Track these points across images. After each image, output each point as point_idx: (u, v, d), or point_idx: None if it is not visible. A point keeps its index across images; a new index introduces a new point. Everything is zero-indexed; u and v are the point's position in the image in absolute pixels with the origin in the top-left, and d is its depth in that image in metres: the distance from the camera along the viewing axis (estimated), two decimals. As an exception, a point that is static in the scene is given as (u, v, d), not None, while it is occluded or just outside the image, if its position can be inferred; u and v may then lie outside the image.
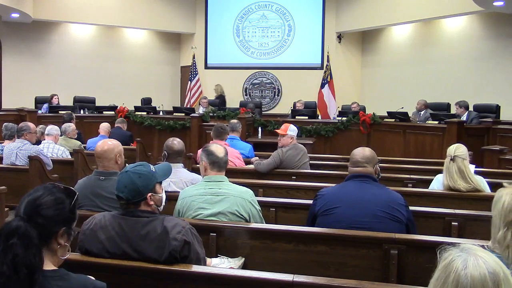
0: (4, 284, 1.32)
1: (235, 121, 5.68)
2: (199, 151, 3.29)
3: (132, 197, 2.01)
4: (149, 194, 2.04)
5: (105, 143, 2.95)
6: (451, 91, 9.03)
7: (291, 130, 4.65)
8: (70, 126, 6.18)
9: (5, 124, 5.51)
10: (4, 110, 9.48)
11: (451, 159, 3.25)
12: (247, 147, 5.41)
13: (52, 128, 5.52)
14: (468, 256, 1.20)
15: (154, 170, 2.11)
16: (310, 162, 4.78)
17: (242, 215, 2.63)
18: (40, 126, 6.06)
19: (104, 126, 6.53)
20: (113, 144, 2.96)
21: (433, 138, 7.15)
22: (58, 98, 9.40)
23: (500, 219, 1.73)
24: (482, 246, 1.74)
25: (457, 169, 3.26)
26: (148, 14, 11.33)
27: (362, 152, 2.75)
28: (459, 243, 1.29)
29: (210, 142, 4.74)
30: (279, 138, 4.73)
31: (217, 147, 2.84)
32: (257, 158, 5.03)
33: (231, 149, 4.76)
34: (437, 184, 3.53)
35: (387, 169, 4.69)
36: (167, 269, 1.93)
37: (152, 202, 2.06)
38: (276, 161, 4.49)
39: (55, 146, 5.39)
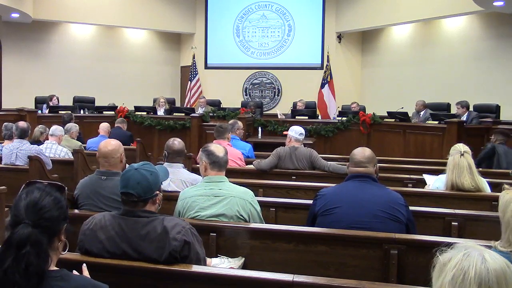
0: None
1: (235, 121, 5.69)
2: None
3: (144, 194, 2.01)
4: (157, 191, 2.07)
5: (108, 143, 2.98)
6: (451, 91, 9.02)
7: (290, 130, 4.67)
8: (76, 127, 6.18)
9: (4, 124, 5.51)
10: (4, 110, 9.47)
11: (461, 154, 3.26)
12: (246, 147, 5.42)
13: (56, 129, 5.49)
14: (481, 252, 1.19)
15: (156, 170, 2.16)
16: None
17: (242, 216, 2.63)
18: (40, 126, 6.04)
19: (104, 126, 6.52)
20: (117, 144, 2.99)
21: (433, 138, 7.15)
22: (58, 99, 9.39)
23: None
24: (488, 246, 1.74)
25: (467, 164, 3.28)
26: (148, 14, 11.33)
27: (363, 152, 2.75)
28: (456, 243, 1.29)
29: (214, 141, 4.75)
30: None
31: (216, 147, 2.84)
32: (258, 160, 5.03)
33: (233, 149, 4.76)
34: (439, 184, 3.53)
35: (387, 169, 4.69)
36: (167, 269, 1.93)
37: (158, 201, 2.09)
38: (275, 158, 4.52)
39: (58, 147, 5.38)
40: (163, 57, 12.32)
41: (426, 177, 4.04)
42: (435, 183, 3.63)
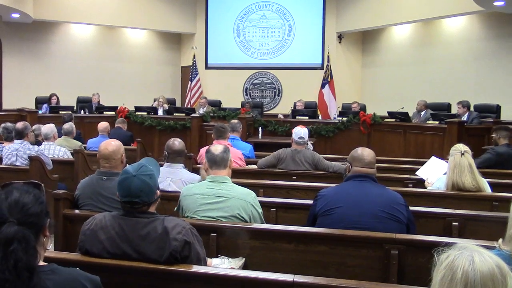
0: None
1: (235, 121, 5.68)
2: (201, 150, 3.32)
3: (149, 199, 2.01)
4: (157, 191, 2.08)
5: (109, 144, 2.97)
6: (451, 91, 9.03)
7: (293, 131, 4.63)
8: (73, 126, 6.17)
9: (3, 125, 5.49)
10: (4, 110, 9.48)
11: (462, 154, 3.27)
12: (247, 147, 5.42)
13: (48, 129, 5.46)
14: (472, 253, 1.20)
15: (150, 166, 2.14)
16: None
17: (243, 217, 2.62)
18: (34, 126, 6.01)
19: (102, 126, 6.47)
20: (118, 145, 2.99)
21: (433, 138, 7.15)
22: (57, 98, 9.40)
23: None
24: (492, 246, 1.74)
25: (468, 163, 3.29)
26: (148, 14, 11.34)
27: (370, 153, 2.75)
28: (456, 243, 1.29)
29: (214, 142, 4.75)
30: None
31: (215, 147, 2.86)
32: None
33: (234, 149, 4.76)
34: (440, 184, 3.54)
35: (387, 169, 4.69)
36: (167, 269, 1.94)
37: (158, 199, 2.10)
38: (274, 158, 4.53)
39: (56, 147, 5.37)
40: (164, 57, 12.32)
41: (420, 173, 4.04)
42: (435, 183, 3.64)
